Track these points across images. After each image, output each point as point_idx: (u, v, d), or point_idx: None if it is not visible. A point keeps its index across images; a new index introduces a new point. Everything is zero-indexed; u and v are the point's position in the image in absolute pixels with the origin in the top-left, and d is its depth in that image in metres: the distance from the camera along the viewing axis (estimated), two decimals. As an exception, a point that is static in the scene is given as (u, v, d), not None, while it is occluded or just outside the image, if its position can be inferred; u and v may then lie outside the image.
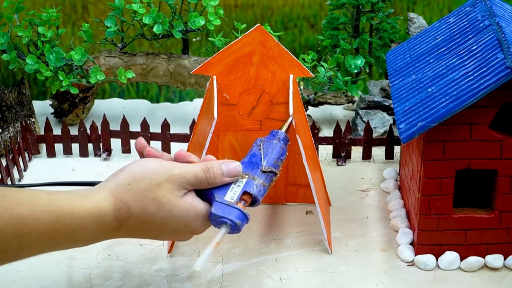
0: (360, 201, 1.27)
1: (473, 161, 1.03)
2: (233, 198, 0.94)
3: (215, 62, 1.12)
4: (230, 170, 0.95)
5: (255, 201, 0.95)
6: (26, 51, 1.45)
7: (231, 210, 0.92)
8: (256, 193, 0.95)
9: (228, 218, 0.92)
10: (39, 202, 0.84)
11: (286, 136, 1.02)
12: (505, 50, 0.98)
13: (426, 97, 1.04)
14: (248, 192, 0.94)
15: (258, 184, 0.95)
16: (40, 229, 0.83)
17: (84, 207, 0.87)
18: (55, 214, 0.85)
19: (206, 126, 1.10)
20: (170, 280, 1.06)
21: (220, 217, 0.92)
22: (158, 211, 0.91)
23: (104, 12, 2.41)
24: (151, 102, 1.69)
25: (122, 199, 0.90)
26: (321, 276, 1.07)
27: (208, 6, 1.43)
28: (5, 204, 0.82)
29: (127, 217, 0.90)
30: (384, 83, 1.57)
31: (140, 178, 0.91)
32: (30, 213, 0.83)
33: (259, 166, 0.97)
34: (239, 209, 0.93)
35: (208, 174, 0.94)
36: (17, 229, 0.82)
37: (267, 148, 0.99)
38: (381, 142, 1.39)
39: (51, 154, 1.42)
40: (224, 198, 0.93)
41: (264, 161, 0.97)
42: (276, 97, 1.15)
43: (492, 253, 1.08)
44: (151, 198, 0.91)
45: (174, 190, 0.92)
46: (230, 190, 0.94)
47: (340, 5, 1.52)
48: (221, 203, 0.93)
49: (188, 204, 0.92)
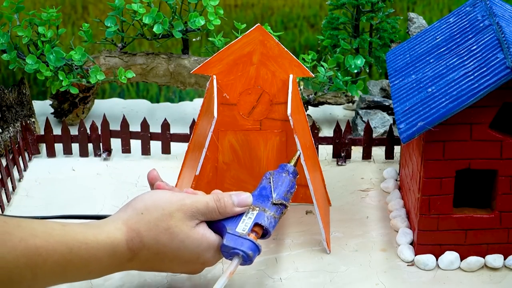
0: (360, 201, 1.27)
1: (473, 161, 1.03)
2: (245, 229, 0.94)
3: (215, 62, 1.12)
4: (240, 200, 0.96)
5: (266, 233, 0.96)
6: (26, 51, 1.45)
7: (243, 242, 0.93)
8: (267, 225, 0.95)
9: (240, 249, 0.92)
10: (54, 233, 0.85)
11: (295, 169, 1.03)
12: (505, 50, 0.98)
13: (426, 97, 1.04)
14: (259, 223, 0.95)
15: (269, 216, 0.96)
16: (54, 259, 0.84)
17: (98, 238, 0.88)
18: (69, 245, 0.86)
19: (206, 125, 1.10)
20: (170, 280, 1.06)
21: (232, 248, 0.93)
22: (170, 241, 0.92)
23: (104, 12, 2.41)
24: (151, 102, 1.69)
25: (135, 229, 0.91)
26: (321, 276, 1.07)
27: (208, 6, 1.43)
28: (20, 235, 0.83)
29: (140, 248, 0.91)
30: (384, 83, 1.57)
31: (152, 207, 0.92)
32: (45, 244, 0.84)
33: (270, 199, 0.98)
34: (251, 240, 0.93)
35: (219, 203, 0.94)
36: (31, 259, 0.83)
37: (277, 181, 1.00)
38: (381, 142, 1.39)
39: (51, 154, 1.42)
40: (236, 230, 0.94)
41: (274, 193, 0.98)
42: (276, 97, 1.15)
43: (492, 253, 1.08)
44: (164, 228, 0.91)
45: (186, 220, 0.92)
46: (241, 222, 0.95)
47: (340, 5, 1.52)
48: (233, 235, 0.93)
49: (201, 234, 0.93)
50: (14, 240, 0.82)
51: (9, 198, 1.26)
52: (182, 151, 1.28)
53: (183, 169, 1.22)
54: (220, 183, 1.23)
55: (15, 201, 1.27)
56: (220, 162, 1.21)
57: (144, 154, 1.41)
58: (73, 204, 1.25)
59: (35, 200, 1.28)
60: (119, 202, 1.26)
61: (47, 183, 1.33)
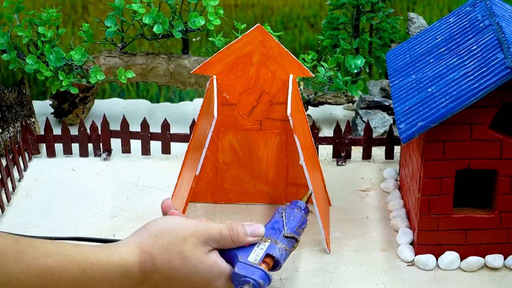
0: (360, 201, 1.27)
1: (473, 161, 1.03)
2: (256, 259, 0.95)
3: (215, 62, 1.12)
4: (253, 230, 0.96)
5: (277, 264, 0.96)
6: (26, 51, 1.45)
7: (254, 270, 0.93)
8: (278, 256, 0.96)
9: (251, 277, 0.93)
10: (66, 253, 0.85)
11: (306, 206, 1.04)
12: (505, 50, 0.98)
13: (426, 97, 1.04)
14: (271, 254, 0.96)
15: (280, 248, 0.97)
16: (66, 280, 0.84)
17: (110, 259, 0.88)
18: (81, 265, 0.86)
19: (206, 125, 1.10)
20: None
21: (243, 276, 0.93)
22: (183, 266, 0.92)
23: (104, 12, 2.41)
24: (151, 102, 1.69)
25: (148, 252, 0.91)
26: (321, 276, 1.07)
27: (208, 6, 1.43)
28: (33, 255, 0.83)
29: (152, 270, 0.91)
30: (384, 83, 1.56)
31: (166, 231, 0.93)
32: (57, 264, 0.84)
33: (282, 232, 0.99)
34: (262, 269, 0.94)
35: (232, 232, 0.95)
36: (44, 279, 0.83)
37: (289, 216, 1.01)
38: (381, 142, 1.39)
39: (51, 154, 1.41)
40: (247, 259, 0.95)
41: (286, 227, 0.99)
42: (276, 97, 1.15)
43: (492, 253, 1.08)
44: (177, 252, 0.92)
45: (199, 245, 0.93)
46: (253, 252, 0.96)
47: (340, 5, 1.52)
48: (244, 263, 0.94)
49: (213, 261, 0.93)
50: (27, 260, 0.82)
51: (9, 198, 1.26)
52: (182, 151, 1.28)
53: (183, 169, 1.22)
54: (220, 183, 1.23)
55: (15, 201, 1.27)
56: (220, 162, 1.21)
57: (144, 154, 1.41)
58: (73, 204, 1.25)
59: (35, 200, 1.28)
60: (119, 202, 1.26)
61: (47, 183, 1.33)
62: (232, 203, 1.25)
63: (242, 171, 1.22)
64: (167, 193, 1.27)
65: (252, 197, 1.24)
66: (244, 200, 1.24)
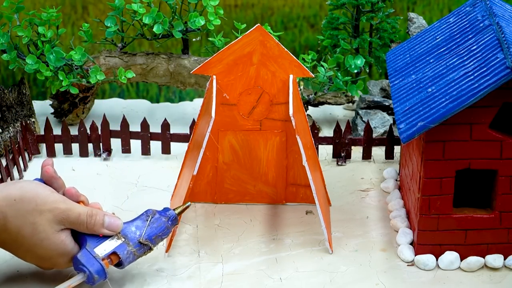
0: (360, 201, 1.27)
1: (473, 161, 1.03)
2: (102, 253, 0.98)
3: (215, 62, 1.12)
4: (111, 224, 1.00)
5: (121, 264, 0.99)
6: (26, 51, 1.45)
7: (94, 263, 0.96)
8: (124, 258, 0.99)
9: (88, 268, 0.96)
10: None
11: (176, 218, 1.05)
12: (505, 50, 0.98)
13: (426, 97, 1.04)
14: (117, 254, 0.98)
15: (130, 250, 0.99)
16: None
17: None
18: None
19: (205, 126, 1.10)
20: (170, 280, 1.06)
21: (82, 264, 0.96)
22: (31, 236, 0.96)
23: (104, 12, 2.41)
24: (151, 102, 1.69)
25: (3, 212, 0.95)
26: (321, 276, 1.07)
27: (208, 6, 1.43)
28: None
29: (2, 230, 0.96)
30: (384, 83, 1.57)
31: (28, 198, 0.96)
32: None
33: (139, 236, 1.00)
34: (102, 265, 0.97)
35: (90, 219, 0.98)
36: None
37: (154, 222, 1.03)
38: (381, 142, 1.39)
39: (51, 154, 1.41)
40: (94, 250, 0.98)
41: (145, 233, 1.01)
42: (276, 97, 1.15)
43: (492, 253, 1.08)
44: (30, 222, 0.96)
45: (53, 222, 0.97)
46: (102, 244, 0.99)
47: (340, 5, 1.52)
48: (89, 252, 0.97)
49: (60, 240, 0.97)
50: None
51: (9, 198, 1.26)
52: (182, 151, 1.28)
53: (183, 169, 1.22)
54: (220, 183, 1.23)
55: (15, 201, 1.27)
56: (220, 162, 1.22)
57: (144, 154, 1.41)
58: (73, 204, 1.25)
59: (35, 200, 1.27)
60: (119, 202, 1.26)
61: (47, 183, 1.32)
62: (232, 203, 1.25)
63: (242, 171, 1.22)
64: (167, 193, 1.27)
65: (252, 197, 1.24)
66: (244, 200, 1.25)
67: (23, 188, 0.98)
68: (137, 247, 1.00)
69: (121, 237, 1.00)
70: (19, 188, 0.97)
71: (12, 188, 0.97)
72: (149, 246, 1.01)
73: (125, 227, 1.01)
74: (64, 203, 0.98)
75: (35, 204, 0.96)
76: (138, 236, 1.00)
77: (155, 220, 1.02)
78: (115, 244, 0.99)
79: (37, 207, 0.96)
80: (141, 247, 1.00)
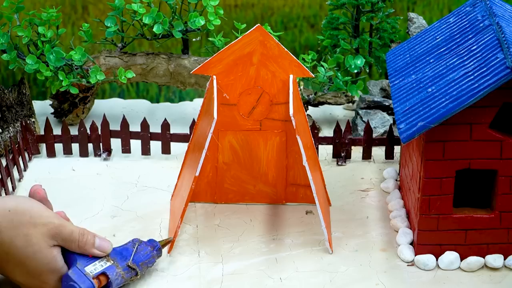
0: (360, 201, 1.27)
1: (473, 161, 1.03)
2: (92, 272, 0.99)
3: (215, 62, 1.12)
4: (101, 245, 1.01)
5: (109, 286, 1.00)
6: (26, 51, 1.45)
7: (85, 281, 0.97)
8: (113, 279, 1.00)
9: (79, 285, 0.97)
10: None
11: (161, 249, 1.07)
12: (505, 50, 0.98)
13: (426, 97, 1.04)
14: (107, 274, 0.99)
15: (119, 272, 1.01)
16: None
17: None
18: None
19: (206, 126, 1.10)
20: (170, 280, 1.06)
21: (73, 281, 0.97)
22: (24, 248, 0.96)
23: (104, 12, 2.41)
24: (151, 102, 1.69)
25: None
26: (321, 276, 1.07)
27: (208, 6, 1.43)
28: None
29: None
30: (384, 83, 1.57)
31: (21, 210, 0.97)
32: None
33: (127, 260, 1.02)
34: (93, 283, 0.97)
35: (81, 238, 0.99)
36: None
37: (141, 250, 1.05)
38: (381, 142, 1.39)
39: (51, 154, 1.41)
40: (84, 268, 0.99)
41: (133, 258, 1.03)
42: (276, 97, 1.15)
43: (492, 253, 1.08)
44: (24, 234, 0.95)
45: (46, 236, 0.97)
46: (92, 264, 1.00)
47: (340, 5, 1.52)
48: (80, 271, 0.98)
49: (52, 256, 0.97)
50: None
51: (9, 198, 1.26)
52: (182, 151, 1.28)
53: (183, 169, 1.22)
54: (220, 183, 1.23)
55: (15, 201, 1.27)
56: (220, 162, 1.22)
57: (144, 154, 1.41)
58: (73, 204, 1.25)
59: (35, 200, 1.27)
60: (119, 202, 1.26)
61: (47, 183, 1.32)
62: (232, 203, 1.25)
63: (242, 171, 1.22)
64: (167, 193, 1.27)
65: (252, 197, 1.24)
66: (244, 200, 1.24)
67: (18, 200, 0.99)
68: (125, 270, 1.02)
69: (110, 260, 1.01)
70: (14, 200, 0.98)
71: (7, 200, 0.98)
72: (136, 271, 1.03)
73: (113, 251, 1.03)
74: (58, 219, 0.99)
75: (29, 216, 0.97)
76: (126, 260, 1.02)
77: (141, 248, 1.05)
78: (105, 265, 1.00)
79: (32, 220, 0.96)
80: (129, 271, 1.02)
